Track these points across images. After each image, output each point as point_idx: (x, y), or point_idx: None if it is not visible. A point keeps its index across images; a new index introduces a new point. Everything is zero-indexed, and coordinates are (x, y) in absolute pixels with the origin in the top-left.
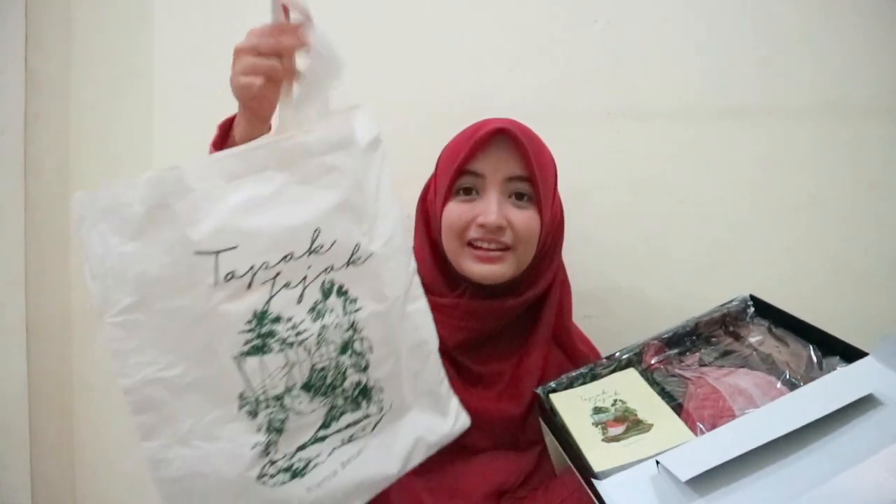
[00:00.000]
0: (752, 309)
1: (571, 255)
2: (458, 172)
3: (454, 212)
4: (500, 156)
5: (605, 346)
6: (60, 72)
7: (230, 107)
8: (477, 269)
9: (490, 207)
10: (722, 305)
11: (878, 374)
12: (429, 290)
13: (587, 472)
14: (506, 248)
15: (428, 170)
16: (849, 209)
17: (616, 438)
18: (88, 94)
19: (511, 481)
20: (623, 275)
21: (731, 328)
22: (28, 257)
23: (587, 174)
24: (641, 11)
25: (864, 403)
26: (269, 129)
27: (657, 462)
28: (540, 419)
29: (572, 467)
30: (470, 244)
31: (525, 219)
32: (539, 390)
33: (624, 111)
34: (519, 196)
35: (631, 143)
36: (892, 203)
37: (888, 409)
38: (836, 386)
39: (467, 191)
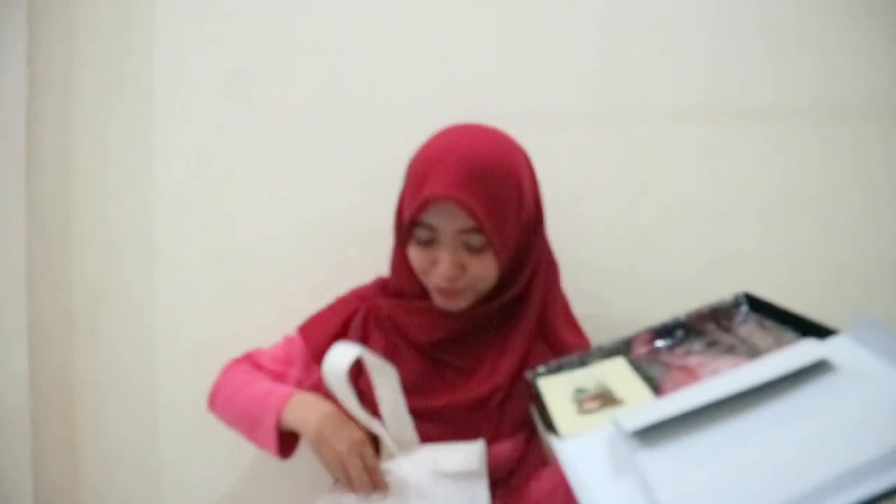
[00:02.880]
0: (745, 305)
1: (571, 255)
2: (412, 224)
3: (415, 255)
4: (449, 209)
5: None
6: (62, 72)
7: (229, 107)
8: (440, 302)
9: (442, 260)
10: (715, 301)
11: (844, 348)
12: (404, 294)
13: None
14: (463, 290)
15: None
16: (849, 209)
17: (589, 412)
18: (89, 94)
19: (498, 469)
20: (622, 275)
21: (722, 322)
22: (29, 257)
23: (586, 174)
24: (641, 11)
25: (821, 372)
26: None
27: (614, 422)
28: (530, 405)
29: (551, 444)
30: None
31: (479, 265)
32: (528, 375)
33: (624, 111)
34: (472, 246)
35: (631, 143)
36: (893, 203)
37: (842, 376)
38: (794, 354)
39: (425, 241)
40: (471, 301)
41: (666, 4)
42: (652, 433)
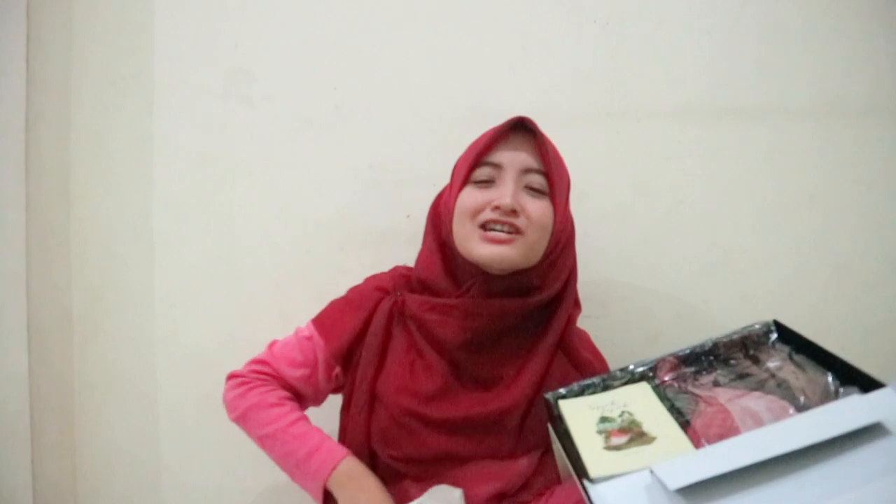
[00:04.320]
0: (775, 334)
1: None
2: (475, 163)
3: (469, 196)
4: (517, 148)
5: (605, 346)
6: (61, 72)
7: (229, 107)
8: (486, 250)
9: (506, 191)
10: (743, 328)
11: (891, 405)
12: (433, 291)
13: (584, 477)
14: (517, 232)
15: (427, 169)
16: (849, 209)
17: (617, 447)
18: (88, 94)
19: (511, 484)
20: (622, 275)
21: (750, 352)
22: (29, 257)
23: (587, 174)
24: (641, 11)
25: (872, 432)
26: None
27: (651, 471)
28: (549, 425)
29: (572, 473)
30: (482, 227)
31: (539, 207)
32: (549, 396)
33: (624, 111)
34: (534, 188)
35: (631, 143)
36: (892, 203)
37: (891, 439)
38: (845, 412)
39: (484, 180)
40: (518, 256)
41: (666, 4)
42: (693, 488)
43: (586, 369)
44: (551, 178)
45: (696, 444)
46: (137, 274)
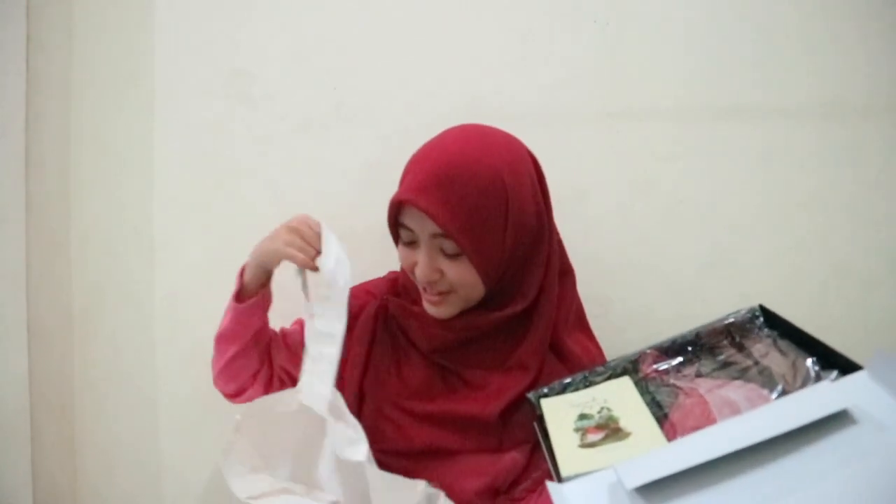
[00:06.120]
0: (761, 319)
1: (571, 255)
2: (393, 224)
3: (402, 254)
4: (421, 213)
5: (604, 346)
6: (61, 72)
7: (229, 107)
8: (427, 307)
9: (421, 261)
10: (728, 315)
11: (863, 390)
12: (411, 296)
13: (556, 476)
14: (446, 293)
15: None
16: (849, 209)
17: (592, 445)
18: (88, 94)
19: (501, 478)
20: (622, 275)
21: (736, 338)
22: (29, 257)
23: (587, 174)
24: (641, 11)
25: (843, 418)
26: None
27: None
28: (535, 424)
29: (552, 471)
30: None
31: (456, 270)
32: (531, 395)
33: (624, 111)
34: (447, 253)
35: (631, 143)
36: (892, 203)
37: (862, 426)
38: (813, 400)
39: (408, 242)
40: (457, 309)
41: (666, 4)
42: (658, 484)
43: (573, 364)
44: (460, 242)
45: (672, 437)
46: (137, 274)
